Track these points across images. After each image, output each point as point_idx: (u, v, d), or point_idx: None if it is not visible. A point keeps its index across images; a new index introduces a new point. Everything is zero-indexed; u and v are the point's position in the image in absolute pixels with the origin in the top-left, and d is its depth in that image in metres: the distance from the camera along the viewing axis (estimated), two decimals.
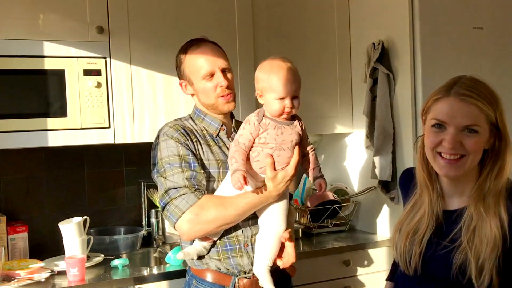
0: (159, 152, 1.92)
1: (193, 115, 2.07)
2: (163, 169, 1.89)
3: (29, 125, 2.34)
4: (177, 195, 1.84)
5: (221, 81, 1.96)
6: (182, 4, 2.65)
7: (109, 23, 2.49)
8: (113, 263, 2.41)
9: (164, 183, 1.88)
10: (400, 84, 2.72)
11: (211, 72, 1.96)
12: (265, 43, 2.79)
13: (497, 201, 1.45)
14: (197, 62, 1.98)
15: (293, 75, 1.83)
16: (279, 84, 1.80)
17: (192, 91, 2.03)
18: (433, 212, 1.53)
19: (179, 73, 2.06)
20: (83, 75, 2.42)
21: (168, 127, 1.96)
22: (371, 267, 2.77)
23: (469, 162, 1.48)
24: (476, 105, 1.44)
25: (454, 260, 1.44)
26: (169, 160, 1.88)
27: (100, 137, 2.48)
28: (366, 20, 2.94)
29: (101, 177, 2.85)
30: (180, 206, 1.83)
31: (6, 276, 2.23)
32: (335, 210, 2.92)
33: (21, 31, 2.34)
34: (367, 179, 2.89)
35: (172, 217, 1.84)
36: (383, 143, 2.73)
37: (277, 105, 1.81)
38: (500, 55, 2.83)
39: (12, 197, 2.67)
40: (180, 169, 1.87)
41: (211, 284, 1.91)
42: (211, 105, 2.00)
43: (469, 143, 1.45)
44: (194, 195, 1.83)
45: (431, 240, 1.52)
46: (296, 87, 1.84)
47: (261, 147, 1.82)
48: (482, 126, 1.46)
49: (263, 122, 1.83)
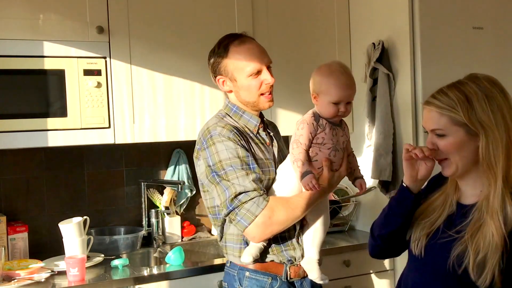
0: (216, 154, 1.87)
1: (229, 111, 2.02)
2: (224, 172, 1.85)
3: (29, 125, 2.34)
4: (248, 199, 1.82)
5: (269, 78, 1.96)
6: (182, 4, 2.65)
7: (109, 23, 2.49)
8: (113, 263, 2.41)
9: (231, 187, 1.83)
10: (400, 84, 2.72)
11: (259, 69, 1.95)
12: (265, 43, 2.74)
13: (503, 199, 1.46)
14: (244, 59, 1.95)
15: (350, 80, 1.89)
16: (336, 88, 1.85)
17: (232, 87, 1.99)
18: (448, 202, 1.58)
19: (216, 69, 1.99)
20: (83, 75, 2.42)
21: (220, 127, 1.90)
22: (371, 267, 2.77)
23: (455, 162, 1.53)
24: (436, 111, 1.52)
25: (453, 250, 1.48)
26: (231, 163, 1.85)
27: (100, 137, 2.48)
28: (366, 20, 2.94)
29: (101, 177, 2.85)
30: (252, 210, 1.81)
31: (6, 276, 2.23)
32: (335, 210, 2.92)
33: (21, 31, 2.34)
34: (367, 179, 2.88)
35: (244, 221, 1.82)
36: (383, 143, 2.73)
37: (331, 109, 1.87)
38: (500, 55, 2.83)
39: (12, 197, 2.66)
40: (243, 171, 1.84)
41: (266, 274, 1.95)
42: (252, 103, 1.99)
43: (441, 146, 1.53)
44: (263, 198, 1.83)
45: (439, 227, 1.56)
46: (352, 93, 1.89)
47: (318, 147, 1.89)
48: (448, 128, 1.51)
49: (320, 122, 1.88)
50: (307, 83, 1.99)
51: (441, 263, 1.50)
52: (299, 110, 2.80)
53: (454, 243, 1.49)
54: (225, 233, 1.98)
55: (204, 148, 1.91)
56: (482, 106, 1.48)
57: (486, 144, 1.48)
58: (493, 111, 1.48)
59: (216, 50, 2.00)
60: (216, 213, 1.98)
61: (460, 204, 1.58)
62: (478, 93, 1.49)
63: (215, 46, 2.02)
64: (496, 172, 1.47)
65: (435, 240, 1.55)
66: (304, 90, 2.89)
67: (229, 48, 1.97)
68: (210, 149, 1.89)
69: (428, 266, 1.56)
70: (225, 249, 2.00)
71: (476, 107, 1.48)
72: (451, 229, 1.53)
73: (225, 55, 1.97)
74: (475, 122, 1.48)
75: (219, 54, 1.98)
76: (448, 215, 1.57)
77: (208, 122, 1.99)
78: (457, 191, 1.60)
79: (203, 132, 1.95)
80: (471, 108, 1.48)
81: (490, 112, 1.48)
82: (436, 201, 1.63)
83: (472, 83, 1.52)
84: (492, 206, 1.46)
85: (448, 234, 1.52)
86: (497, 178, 1.47)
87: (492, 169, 1.48)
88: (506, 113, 1.49)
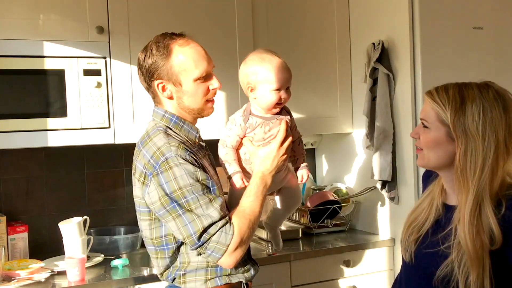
0: (175, 180, 1.65)
1: (168, 123, 1.79)
2: (186, 201, 1.65)
3: (29, 125, 2.34)
4: (216, 230, 1.66)
5: (216, 84, 1.80)
6: (182, 4, 2.65)
7: (109, 23, 2.49)
8: (113, 263, 2.41)
9: (196, 220, 1.65)
10: (400, 84, 2.71)
11: (208, 73, 1.78)
12: (265, 43, 2.78)
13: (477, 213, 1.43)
14: (192, 60, 1.75)
15: (285, 65, 1.80)
16: (274, 75, 1.75)
17: (174, 93, 1.77)
18: (434, 206, 1.58)
19: (155, 72, 1.76)
20: (83, 75, 2.42)
21: (174, 147, 1.68)
22: (371, 267, 2.77)
23: (427, 157, 1.54)
24: (430, 102, 1.52)
25: (439, 270, 1.46)
26: (192, 189, 1.66)
27: (100, 137, 2.47)
28: (366, 20, 2.93)
29: (101, 177, 2.85)
30: (222, 241, 1.67)
31: (6, 276, 2.23)
32: (335, 210, 2.92)
33: (21, 31, 2.34)
34: (367, 179, 2.89)
35: (216, 254, 1.68)
36: (383, 143, 2.73)
37: (273, 97, 1.77)
38: (500, 55, 2.83)
39: (12, 197, 2.67)
40: (206, 198, 1.67)
41: None
42: (196, 110, 1.80)
43: (421, 137, 1.55)
44: (229, 225, 1.68)
45: (428, 232, 1.55)
46: (290, 76, 1.80)
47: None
48: (433, 123, 1.52)
49: (249, 121, 1.79)
50: (307, 83, 1.99)
51: (431, 270, 1.49)
52: (300, 110, 2.80)
53: (441, 259, 1.47)
54: (182, 263, 1.78)
55: (157, 173, 1.66)
56: (474, 115, 1.45)
57: (465, 152, 1.45)
58: (484, 123, 1.44)
59: (154, 51, 1.76)
60: (164, 244, 1.76)
61: (446, 205, 1.57)
62: (477, 101, 1.46)
63: (149, 46, 1.79)
64: (469, 184, 1.44)
65: (424, 245, 1.54)
66: (304, 90, 2.91)
67: (173, 48, 1.75)
68: (166, 174, 1.65)
69: (419, 270, 1.55)
70: (182, 278, 1.78)
71: (467, 114, 1.45)
72: (438, 232, 1.52)
73: (168, 56, 1.74)
74: (459, 128, 1.46)
75: (160, 55, 1.75)
76: (436, 219, 1.56)
77: (155, 141, 1.72)
78: (442, 192, 1.59)
79: (153, 154, 1.69)
80: (461, 113, 1.46)
81: (480, 123, 1.44)
82: (423, 202, 1.62)
83: (478, 89, 1.49)
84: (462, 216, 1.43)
85: (436, 240, 1.51)
86: (469, 190, 1.43)
87: (465, 179, 1.44)
88: (499, 129, 1.44)
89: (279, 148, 1.81)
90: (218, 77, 1.83)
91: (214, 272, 1.78)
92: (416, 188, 2.64)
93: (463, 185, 1.45)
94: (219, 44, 2.68)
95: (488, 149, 1.44)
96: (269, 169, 1.80)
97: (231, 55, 2.70)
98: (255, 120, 1.80)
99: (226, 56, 2.68)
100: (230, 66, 2.59)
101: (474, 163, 1.44)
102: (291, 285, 2.57)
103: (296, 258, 2.59)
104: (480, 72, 2.66)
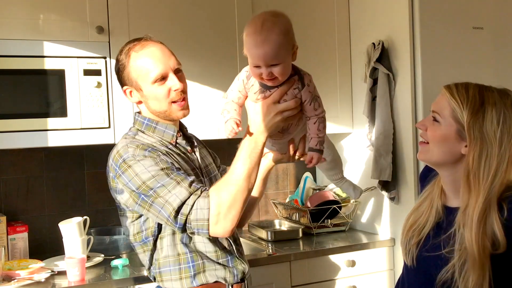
0: (137, 177, 1.66)
1: (140, 126, 1.82)
2: (153, 191, 1.65)
3: (29, 125, 2.34)
4: (189, 208, 1.63)
5: (176, 84, 1.75)
6: (182, 4, 2.65)
7: (109, 23, 2.49)
8: (113, 263, 2.41)
9: (165, 204, 1.64)
10: (400, 84, 2.72)
11: (163, 74, 1.74)
12: None
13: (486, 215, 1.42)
14: (146, 64, 1.74)
15: (266, 36, 1.48)
16: (250, 50, 1.53)
17: (140, 98, 1.80)
18: (434, 208, 1.55)
19: (121, 79, 1.81)
20: (83, 75, 2.42)
21: (132, 149, 1.70)
22: (371, 267, 2.77)
23: (431, 152, 1.50)
24: (447, 97, 1.47)
25: (439, 275, 1.45)
26: (156, 179, 1.65)
27: (100, 137, 2.47)
28: (366, 20, 2.94)
29: (101, 177, 2.83)
30: (200, 217, 1.62)
31: (6, 276, 2.23)
32: (335, 210, 2.92)
33: (21, 31, 2.34)
34: (367, 179, 2.89)
35: (202, 230, 1.64)
36: (383, 143, 2.73)
37: (254, 72, 1.56)
38: (500, 55, 2.83)
39: (12, 197, 2.67)
40: (173, 181, 1.64)
41: None
42: (163, 112, 1.79)
43: (429, 130, 1.51)
44: (203, 198, 1.63)
45: (429, 235, 1.53)
46: (268, 52, 1.49)
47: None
48: (446, 118, 1.48)
49: (250, 81, 1.63)
50: None
51: (433, 273, 1.48)
52: None
53: (443, 262, 1.45)
54: (156, 259, 1.79)
55: (119, 175, 1.70)
56: (493, 120, 1.43)
57: (479, 155, 1.42)
58: (502, 130, 1.42)
59: (119, 57, 1.80)
60: (144, 238, 1.79)
61: (447, 207, 1.55)
62: (498, 106, 1.43)
63: (118, 53, 1.82)
64: (480, 188, 1.42)
65: (425, 249, 1.53)
66: None
67: (130, 54, 1.77)
68: (127, 173, 1.68)
69: (421, 274, 1.54)
70: (159, 276, 1.79)
71: (487, 117, 1.43)
72: (440, 235, 1.50)
73: (127, 63, 1.77)
74: (475, 129, 1.43)
75: (121, 61, 1.79)
76: (437, 221, 1.54)
77: (117, 145, 1.77)
78: (442, 194, 1.57)
79: (113, 157, 1.74)
80: (481, 116, 1.43)
81: (499, 129, 1.42)
82: (423, 204, 1.60)
83: (499, 95, 1.46)
84: (470, 219, 1.42)
85: (438, 242, 1.49)
86: (479, 194, 1.42)
87: (477, 182, 1.43)
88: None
89: (271, 104, 1.62)
90: (218, 78, 1.81)
91: (188, 270, 1.77)
92: (416, 188, 2.64)
93: (473, 188, 1.43)
94: (219, 45, 2.69)
95: (503, 156, 1.42)
96: (259, 127, 1.65)
97: (230, 56, 2.70)
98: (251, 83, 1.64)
99: (226, 57, 2.68)
100: (230, 66, 2.59)
101: (488, 167, 1.42)
102: (291, 285, 2.58)
103: (296, 258, 2.59)
104: (480, 72, 2.67)
